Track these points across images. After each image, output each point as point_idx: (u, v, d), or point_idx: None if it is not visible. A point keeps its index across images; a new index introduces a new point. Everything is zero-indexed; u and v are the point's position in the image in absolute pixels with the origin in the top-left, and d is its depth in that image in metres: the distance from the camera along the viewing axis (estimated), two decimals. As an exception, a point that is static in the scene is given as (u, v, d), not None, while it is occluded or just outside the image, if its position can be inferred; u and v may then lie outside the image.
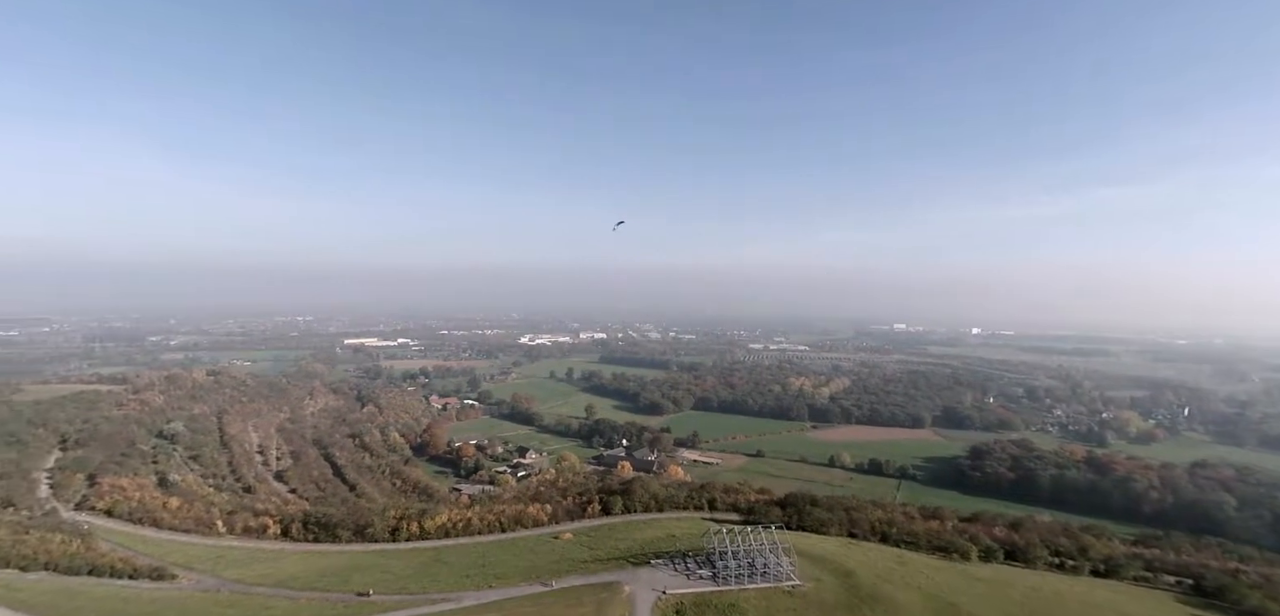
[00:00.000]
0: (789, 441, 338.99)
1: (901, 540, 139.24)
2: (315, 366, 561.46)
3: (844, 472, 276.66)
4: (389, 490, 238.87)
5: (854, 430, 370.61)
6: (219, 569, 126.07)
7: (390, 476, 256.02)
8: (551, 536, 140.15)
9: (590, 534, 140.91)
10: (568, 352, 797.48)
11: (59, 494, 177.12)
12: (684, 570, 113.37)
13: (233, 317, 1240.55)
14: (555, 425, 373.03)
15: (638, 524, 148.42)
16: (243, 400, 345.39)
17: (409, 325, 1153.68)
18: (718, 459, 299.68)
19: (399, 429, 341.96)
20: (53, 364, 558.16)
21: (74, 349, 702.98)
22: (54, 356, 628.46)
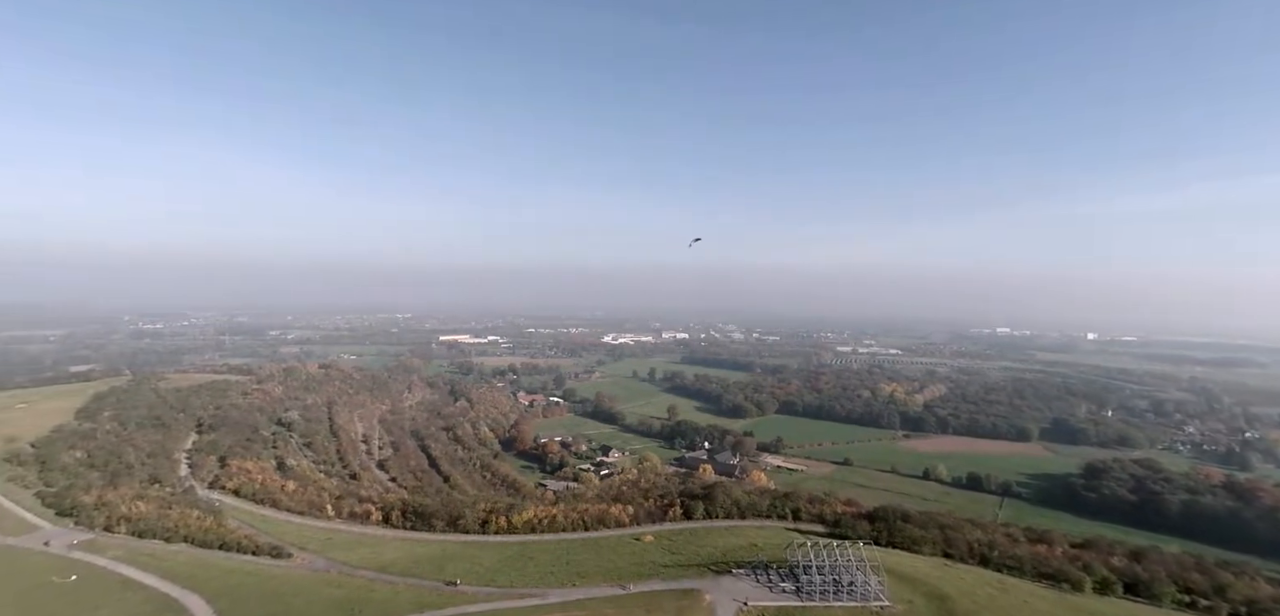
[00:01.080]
0: (878, 450, 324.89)
1: (1003, 564, 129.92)
2: (413, 362, 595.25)
3: (939, 486, 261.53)
4: (479, 482, 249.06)
5: (950, 441, 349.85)
6: (328, 550, 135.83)
7: (480, 469, 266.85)
8: (633, 538, 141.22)
9: (671, 537, 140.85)
10: (650, 352, 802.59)
11: (196, 473, 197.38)
12: (766, 582, 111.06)
13: (340, 314, 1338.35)
14: (637, 425, 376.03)
15: (719, 530, 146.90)
16: (349, 392, 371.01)
17: (498, 323, 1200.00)
18: (802, 466, 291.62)
19: (489, 424, 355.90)
20: (190, 355, 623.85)
21: (207, 341, 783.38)
22: (191, 348, 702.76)
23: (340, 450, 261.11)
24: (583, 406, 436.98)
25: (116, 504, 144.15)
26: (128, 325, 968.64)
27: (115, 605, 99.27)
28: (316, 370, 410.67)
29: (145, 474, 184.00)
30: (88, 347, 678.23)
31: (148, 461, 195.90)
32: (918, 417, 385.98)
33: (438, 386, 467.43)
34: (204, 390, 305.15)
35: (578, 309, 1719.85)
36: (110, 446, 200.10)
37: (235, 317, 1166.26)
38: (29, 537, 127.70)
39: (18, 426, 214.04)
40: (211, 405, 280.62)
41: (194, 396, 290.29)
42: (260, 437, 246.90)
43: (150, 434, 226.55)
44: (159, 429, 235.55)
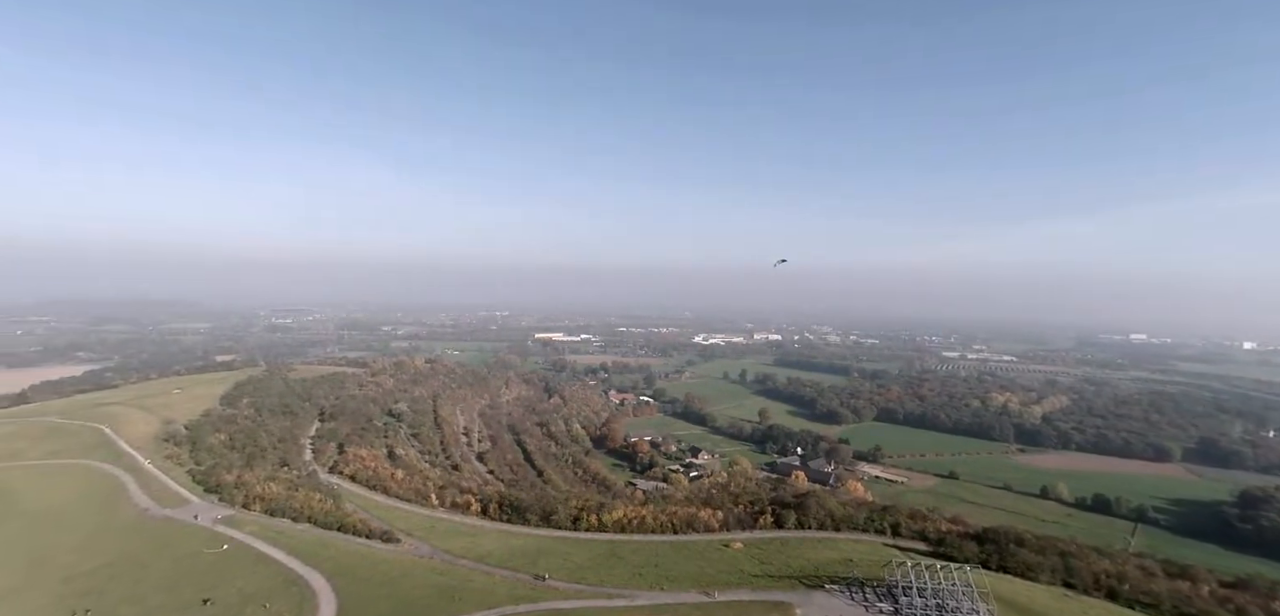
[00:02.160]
0: (989, 464, 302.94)
1: (1136, 600, 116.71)
2: (510, 358, 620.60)
3: (1059, 507, 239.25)
4: (571, 478, 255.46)
5: (1073, 457, 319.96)
6: (432, 538, 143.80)
7: (572, 466, 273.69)
8: (722, 544, 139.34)
9: (761, 546, 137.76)
10: (741, 353, 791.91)
11: (318, 458, 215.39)
12: (861, 601, 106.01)
13: (445, 311, 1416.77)
14: (727, 427, 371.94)
15: (811, 542, 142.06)
16: (452, 386, 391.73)
17: (590, 321, 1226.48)
18: (903, 477, 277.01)
19: (581, 421, 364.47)
20: (314, 347, 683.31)
21: (329, 336, 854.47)
22: (315, 341, 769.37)
23: (443, 442, 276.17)
24: (672, 406, 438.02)
25: (252, 484, 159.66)
26: (263, 320, 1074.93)
27: (250, 576, 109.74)
28: (423, 365, 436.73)
29: (276, 457, 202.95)
30: (230, 339, 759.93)
31: (278, 446, 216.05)
32: (1035, 430, 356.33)
33: (533, 383, 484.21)
34: (325, 381, 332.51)
35: (668, 309, 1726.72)
36: (247, 431, 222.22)
37: (353, 314, 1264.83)
38: (182, 510, 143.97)
39: (174, 409, 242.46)
40: (332, 395, 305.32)
41: (317, 387, 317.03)
42: (373, 427, 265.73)
43: (280, 420, 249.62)
44: (287, 416, 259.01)
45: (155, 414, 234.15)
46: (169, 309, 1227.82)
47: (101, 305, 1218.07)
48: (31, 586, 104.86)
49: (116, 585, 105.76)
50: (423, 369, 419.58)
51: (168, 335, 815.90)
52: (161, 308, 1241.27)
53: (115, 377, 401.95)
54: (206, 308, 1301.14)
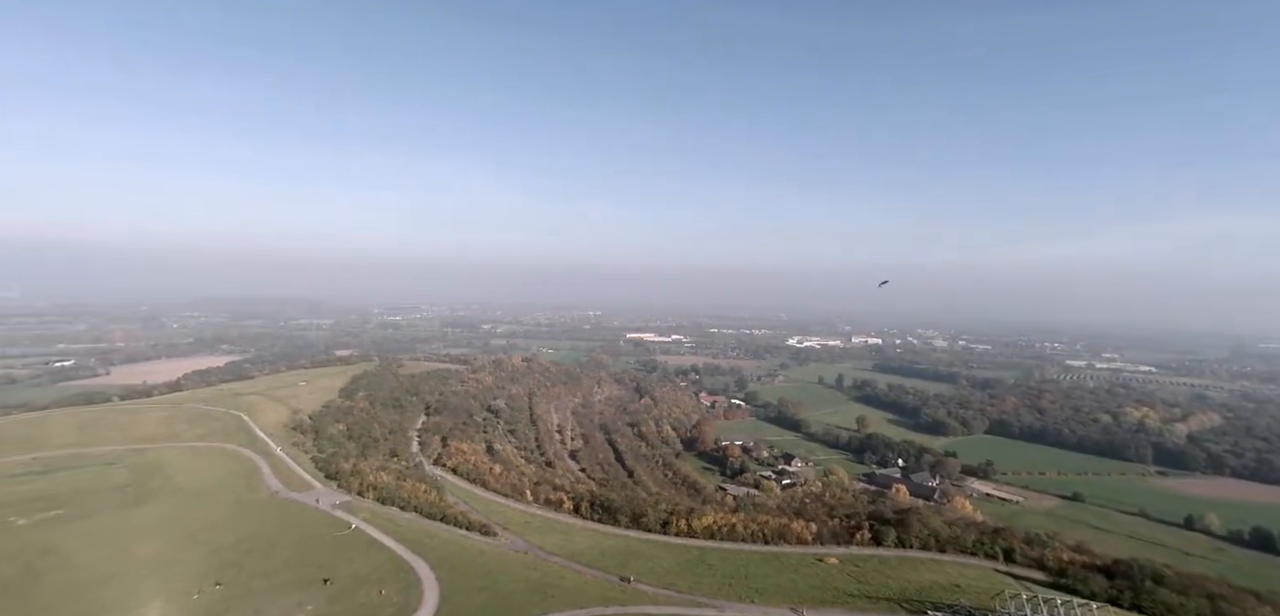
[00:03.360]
0: (1121, 487, 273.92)
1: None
2: (602, 358, 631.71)
3: (1208, 540, 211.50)
4: (661, 480, 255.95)
5: (1226, 484, 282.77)
6: (526, 533, 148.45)
7: (663, 467, 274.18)
8: (815, 558, 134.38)
9: (858, 564, 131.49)
10: (838, 357, 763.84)
11: (424, 450, 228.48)
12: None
13: (541, 310, 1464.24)
14: (822, 434, 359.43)
15: (913, 562, 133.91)
16: (547, 384, 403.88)
17: (682, 322, 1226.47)
18: (1018, 497, 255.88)
19: (671, 422, 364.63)
20: (421, 344, 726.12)
21: (434, 332, 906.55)
22: (421, 338, 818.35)
23: (538, 438, 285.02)
24: (765, 410, 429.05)
25: (366, 473, 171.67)
26: (376, 317, 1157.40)
27: (364, 560, 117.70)
28: (520, 363, 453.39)
29: (387, 448, 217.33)
30: (349, 335, 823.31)
31: (389, 437, 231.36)
32: (1178, 451, 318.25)
33: (624, 383, 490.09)
34: (431, 377, 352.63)
35: (761, 310, 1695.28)
36: (362, 422, 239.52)
37: (456, 311, 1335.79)
38: (306, 494, 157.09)
39: (300, 400, 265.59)
40: (436, 390, 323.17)
41: (423, 382, 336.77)
42: (474, 422, 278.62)
43: (391, 413, 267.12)
44: (397, 409, 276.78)
45: (284, 404, 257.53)
46: (297, 306, 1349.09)
47: (242, 302, 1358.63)
48: (182, 557, 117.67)
49: (251, 560, 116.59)
50: (519, 367, 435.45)
51: (295, 330, 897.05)
52: (291, 304, 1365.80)
53: (252, 368, 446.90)
54: (329, 305, 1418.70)
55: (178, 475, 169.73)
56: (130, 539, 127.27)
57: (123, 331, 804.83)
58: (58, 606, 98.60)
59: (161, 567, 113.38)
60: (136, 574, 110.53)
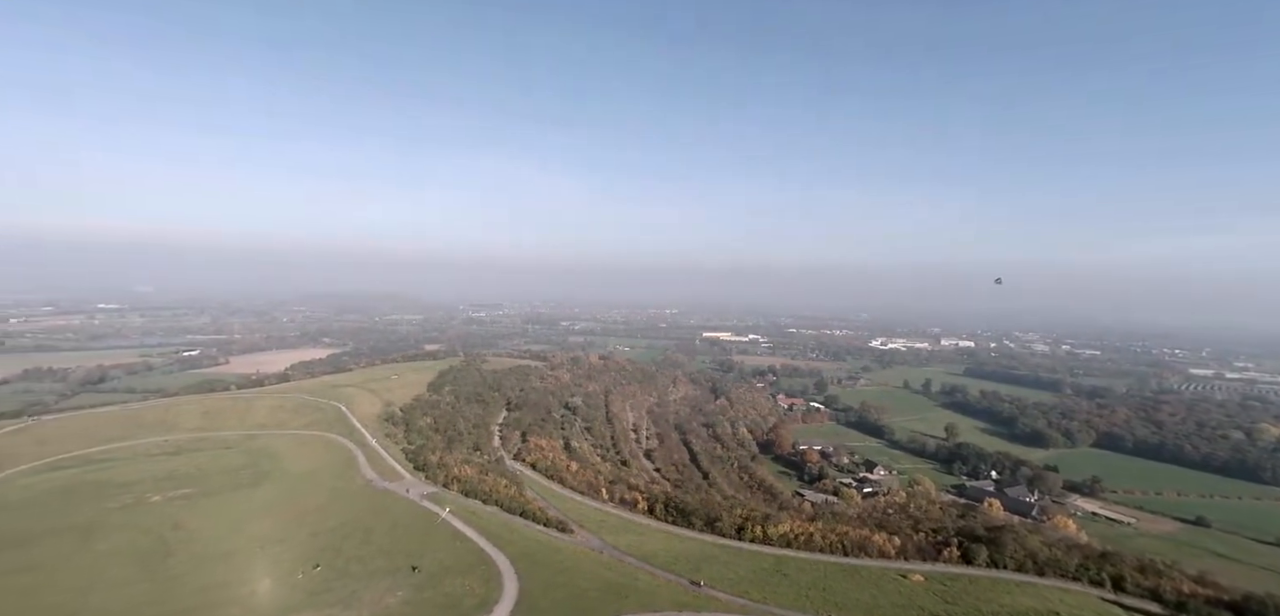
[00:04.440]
0: (1253, 512, 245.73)
1: None
2: (678, 357, 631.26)
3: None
4: (736, 483, 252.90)
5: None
6: (601, 531, 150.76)
7: (738, 470, 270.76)
8: (898, 574, 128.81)
9: (945, 583, 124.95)
10: (925, 361, 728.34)
11: (504, 444, 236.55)
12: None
13: (617, 308, 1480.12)
14: (907, 442, 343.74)
15: (1007, 584, 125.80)
16: (623, 383, 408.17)
17: (759, 322, 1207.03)
18: (1130, 517, 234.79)
19: (747, 424, 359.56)
20: (503, 340, 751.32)
21: (515, 329, 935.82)
22: (503, 334, 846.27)
23: (614, 437, 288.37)
24: (845, 415, 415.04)
25: (451, 465, 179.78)
26: (462, 313, 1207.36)
27: (449, 550, 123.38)
28: (597, 360, 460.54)
29: (470, 442, 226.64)
30: (437, 330, 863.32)
31: (472, 431, 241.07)
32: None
33: (700, 383, 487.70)
34: (512, 373, 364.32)
35: (842, 310, 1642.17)
36: (448, 416, 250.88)
37: (536, 308, 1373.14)
38: (397, 484, 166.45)
39: (392, 393, 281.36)
40: (517, 387, 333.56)
41: (505, 378, 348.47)
42: (552, 419, 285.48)
43: (474, 408, 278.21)
44: (480, 404, 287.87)
45: (378, 396, 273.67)
46: (391, 302, 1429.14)
47: (343, 298, 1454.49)
48: (289, 537, 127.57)
49: (348, 544, 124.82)
50: (596, 365, 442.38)
51: (388, 325, 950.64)
52: (385, 300, 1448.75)
53: (349, 361, 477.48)
54: (419, 301, 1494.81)
55: (285, 460, 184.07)
56: (245, 518, 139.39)
57: (240, 324, 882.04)
58: (186, 577, 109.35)
59: (271, 546, 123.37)
60: (250, 551, 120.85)
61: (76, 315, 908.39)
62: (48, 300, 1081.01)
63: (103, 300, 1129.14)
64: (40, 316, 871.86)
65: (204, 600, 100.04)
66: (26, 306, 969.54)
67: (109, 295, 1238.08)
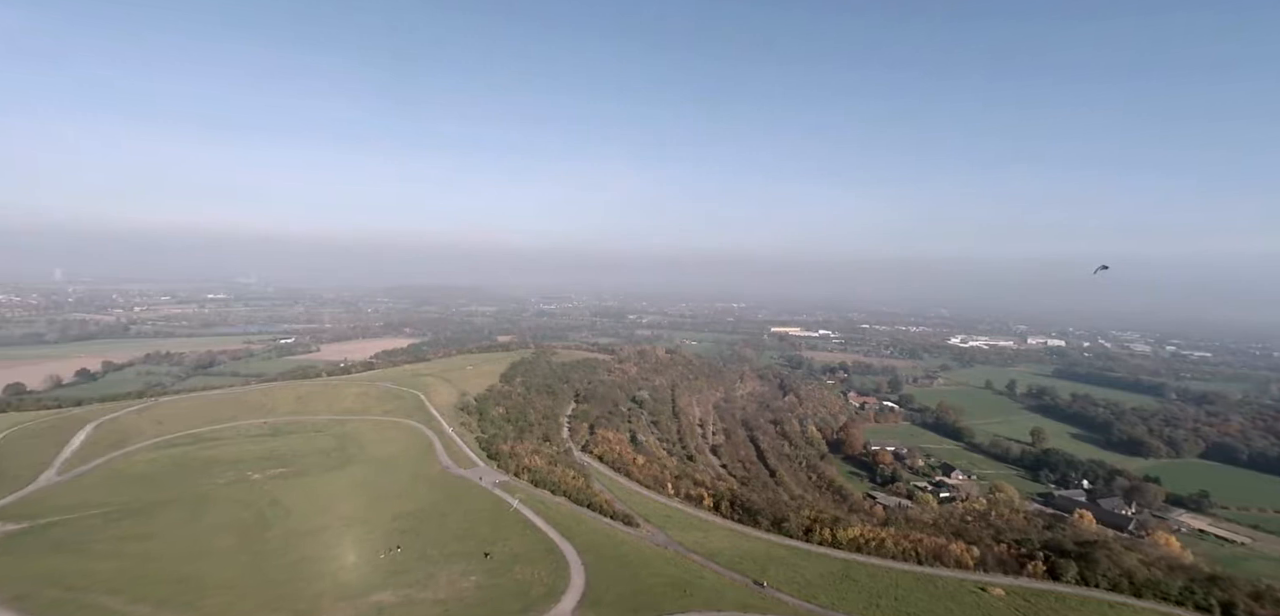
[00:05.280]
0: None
1: None
2: (746, 351, 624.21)
3: None
4: (804, 483, 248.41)
5: None
6: (666, 527, 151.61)
7: (806, 469, 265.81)
8: (977, 586, 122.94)
9: (1028, 599, 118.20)
10: (1010, 360, 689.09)
11: (573, 436, 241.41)
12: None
13: (685, 301, 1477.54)
14: (988, 445, 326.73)
15: (1099, 605, 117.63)
16: (689, 377, 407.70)
17: (830, 316, 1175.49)
18: (1244, 537, 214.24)
19: (816, 422, 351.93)
20: (572, 332, 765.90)
21: (583, 322, 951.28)
22: (572, 326, 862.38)
23: (680, 431, 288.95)
24: (921, 415, 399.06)
25: (521, 455, 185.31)
26: (533, 306, 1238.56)
27: (519, 539, 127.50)
28: (663, 354, 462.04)
29: (540, 433, 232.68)
30: (509, 322, 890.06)
31: (542, 422, 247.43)
32: None
33: (767, 378, 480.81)
34: (580, 366, 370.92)
35: (918, 305, 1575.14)
36: (519, 407, 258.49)
37: (604, 302, 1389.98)
38: (471, 472, 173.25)
39: (467, 383, 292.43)
40: (585, 379, 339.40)
41: (573, 370, 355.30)
42: (619, 412, 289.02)
43: (544, 399, 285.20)
44: (550, 395, 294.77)
45: (454, 385, 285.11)
46: (467, 294, 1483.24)
47: (423, 289, 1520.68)
48: (369, 519, 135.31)
49: (426, 528, 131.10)
50: (663, 359, 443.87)
51: (464, 316, 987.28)
52: (462, 293, 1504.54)
53: (428, 350, 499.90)
54: (493, 293, 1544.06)
55: (370, 445, 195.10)
56: (334, 498, 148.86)
57: (330, 314, 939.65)
58: (281, 551, 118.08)
59: (356, 526, 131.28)
60: (338, 529, 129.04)
61: (190, 304, 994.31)
62: (166, 290, 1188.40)
63: (211, 291, 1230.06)
64: (160, 305, 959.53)
65: (297, 573, 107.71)
66: (148, 296, 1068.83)
67: (217, 286, 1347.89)
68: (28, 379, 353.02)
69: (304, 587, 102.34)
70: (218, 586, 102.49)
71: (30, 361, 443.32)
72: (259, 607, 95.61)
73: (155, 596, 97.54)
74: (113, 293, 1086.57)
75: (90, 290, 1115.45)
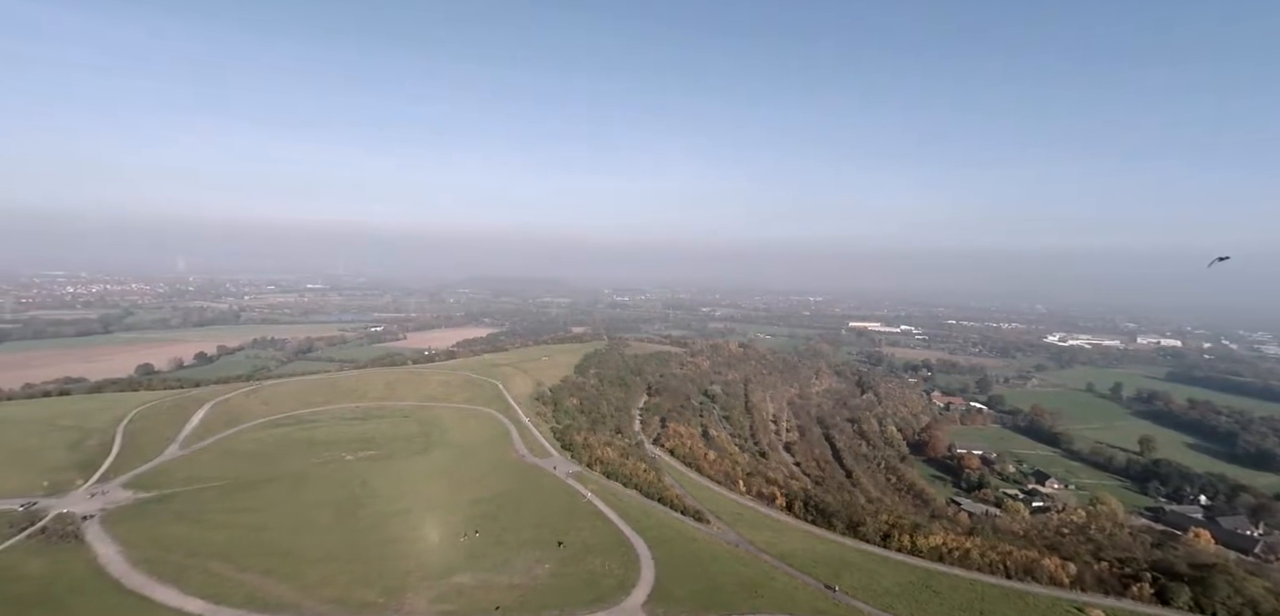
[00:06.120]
0: None
1: None
2: (822, 347, 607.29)
3: None
4: (882, 485, 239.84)
5: None
6: (737, 525, 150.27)
7: (885, 471, 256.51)
8: (1073, 607, 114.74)
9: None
10: (1115, 361, 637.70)
11: (644, 429, 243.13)
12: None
13: (758, 295, 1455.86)
14: (1089, 453, 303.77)
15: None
16: (763, 372, 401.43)
17: (913, 311, 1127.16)
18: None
19: (896, 422, 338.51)
20: (645, 324, 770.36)
21: (656, 314, 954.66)
22: (644, 319, 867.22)
23: (753, 427, 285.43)
24: (1012, 418, 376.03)
25: (594, 446, 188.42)
26: (607, 297, 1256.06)
27: (591, 530, 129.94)
28: (737, 348, 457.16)
29: (613, 425, 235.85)
30: (583, 313, 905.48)
31: (614, 414, 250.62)
32: None
33: (844, 375, 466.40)
34: (652, 358, 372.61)
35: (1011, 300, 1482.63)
36: (592, 398, 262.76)
37: (677, 294, 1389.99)
38: (546, 461, 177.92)
39: (542, 373, 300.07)
40: (657, 372, 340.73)
41: (645, 362, 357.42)
42: (691, 406, 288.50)
43: (617, 391, 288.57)
44: (622, 388, 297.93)
45: (530, 376, 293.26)
46: (542, 285, 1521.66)
47: (501, 280, 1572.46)
48: (453, 502, 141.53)
49: (503, 514, 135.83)
50: (736, 353, 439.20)
51: (539, 307, 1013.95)
52: (537, 284, 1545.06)
53: (506, 341, 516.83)
54: (567, 284, 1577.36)
55: (451, 432, 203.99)
56: (418, 481, 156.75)
57: (415, 304, 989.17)
58: (372, 530, 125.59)
59: (439, 508, 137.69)
60: (421, 512, 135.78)
61: (292, 293, 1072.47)
62: (271, 280, 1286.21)
63: (310, 281, 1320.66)
64: (266, 294, 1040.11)
65: (386, 552, 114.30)
66: (256, 285, 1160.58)
67: (315, 276, 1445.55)
68: (155, 360, 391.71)
69: (392, 566, 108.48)
70: (316, 559, 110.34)
71: (158, 344, 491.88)
72: (353, 582, 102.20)
73: (262, 566, 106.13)
74: (226, 282, 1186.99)
75: (208, 279, 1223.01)
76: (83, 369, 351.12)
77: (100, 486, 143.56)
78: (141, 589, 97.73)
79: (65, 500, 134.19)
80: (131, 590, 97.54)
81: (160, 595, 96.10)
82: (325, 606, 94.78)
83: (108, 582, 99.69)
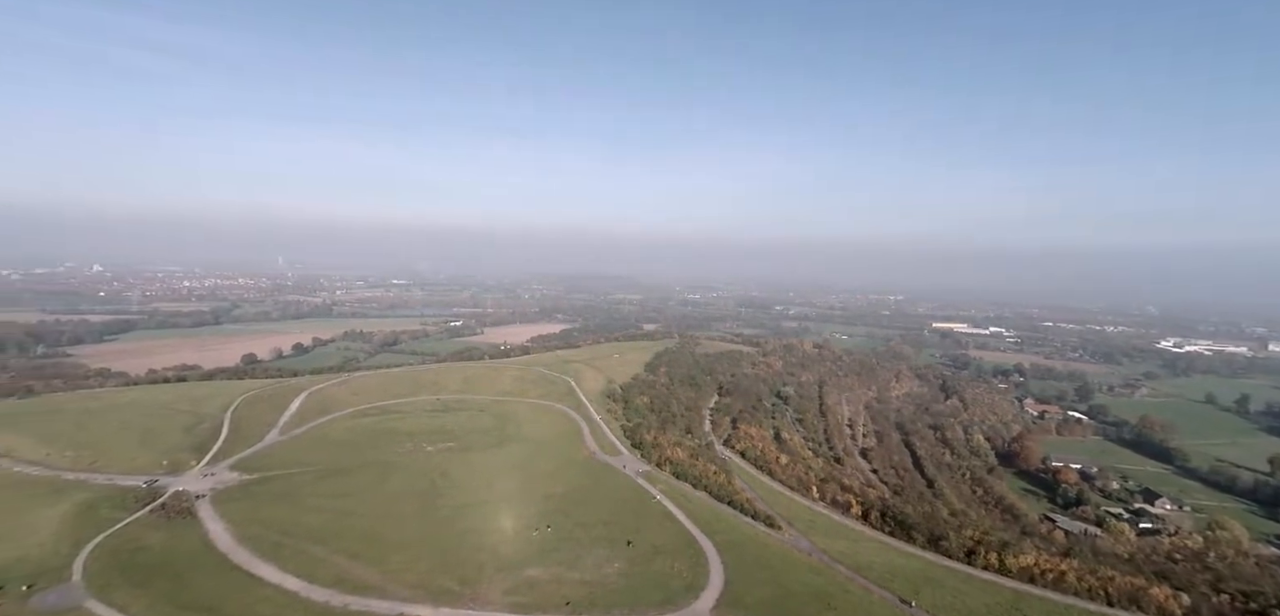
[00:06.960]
0: None
1: None
2: (902, 348, 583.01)
3: None
4: (967, 497, 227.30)
5: None
6: (810, 532, 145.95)
7: (970, 482, 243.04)
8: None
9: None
10: (1241, 370, 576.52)
11: (715, 430, 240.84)
12: None
13: (835, 293, 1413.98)
14: (1207, 472, 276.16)
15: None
16: (839, 374, 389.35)
17: (1003, 312, 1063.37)
18: None
19: (984, 430, 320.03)
20: (716, 323, 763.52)
21: (728, 312, 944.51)
22: (716, 317, 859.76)
23: (827, 431, 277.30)
24: (1117, 430, 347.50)
25: (664, 446, 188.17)
26: (677, 295, 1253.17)
27: (660, 530, 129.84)
28: (811, 348, 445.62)
29: (683, 424, 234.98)
30: (654, 311, 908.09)
31: (684, 414, 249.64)
32: None
33: (927, 379, 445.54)
34: (723, 357, 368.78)
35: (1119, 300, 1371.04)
36: (663, 397, 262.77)
37: (749, 292, 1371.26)
38: (616, 459, 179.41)
39: (613, 371, 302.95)
40: (728, 372, 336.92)
41: (717, 362, 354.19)
42: (762, 407, 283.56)
43: (687, 390, 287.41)
44: (692, 387, 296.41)
45: (602, 372, 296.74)
46: (614, 282, 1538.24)
47: (573, 278, 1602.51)
48: (522, 497, 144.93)
49: (574, 510, 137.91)
50: (810, 353, 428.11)
51: (611, 304, 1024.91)
52: (609, 281, 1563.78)
53: (578, 337, 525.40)
54: (638, 282, 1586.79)
55: (525, 426, 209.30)
56: (493, 474, 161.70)
57: (492, 300, 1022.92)
58: (450, 520, 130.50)
59: (513, 502, 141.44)
60: (496, 504, 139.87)
61: (379, 288, 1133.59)
62: (360, 275, 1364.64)
63: (395, 277, 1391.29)
64: (355, 289, 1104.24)
65: (463, 542, 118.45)
66: (346, 281, 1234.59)
67: (399, 272, 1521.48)
68: (258, 350, 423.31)
69: (469, 556, 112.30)
70: (398, 545, 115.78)
71: (261, 335, 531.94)
72: (432, 569, 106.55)
73: (350, 550, 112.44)
74: (320, 277, 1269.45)
75: (304, 275, 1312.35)
76: (197, 357, 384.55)
77: (211, 468, 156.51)
78: (246, 564, 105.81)
79: (181, 479, 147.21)
80: (237, 565, 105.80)
81: (262, 571, 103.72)
82: (406, 591, 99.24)
83: (216, 557, 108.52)
